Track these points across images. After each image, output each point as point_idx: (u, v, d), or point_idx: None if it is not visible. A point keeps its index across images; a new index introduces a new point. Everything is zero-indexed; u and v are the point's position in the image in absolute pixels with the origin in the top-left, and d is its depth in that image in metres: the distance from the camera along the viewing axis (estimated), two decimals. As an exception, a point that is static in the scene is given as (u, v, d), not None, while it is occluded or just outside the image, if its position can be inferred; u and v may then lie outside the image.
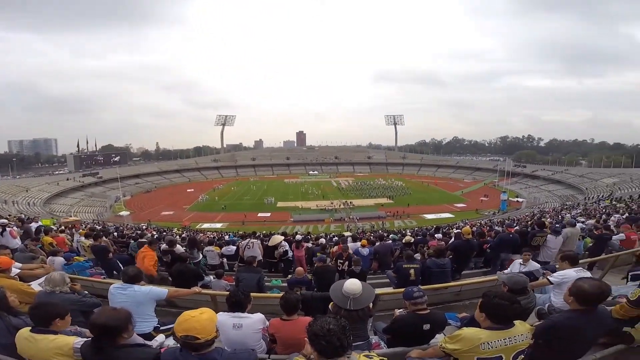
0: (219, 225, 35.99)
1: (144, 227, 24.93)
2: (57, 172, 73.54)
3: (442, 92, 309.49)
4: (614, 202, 24.98)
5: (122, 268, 4.75)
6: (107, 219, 37.82)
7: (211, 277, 5.62)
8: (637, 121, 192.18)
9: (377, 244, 8.28)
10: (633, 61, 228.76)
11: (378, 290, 4.20)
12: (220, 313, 2.67)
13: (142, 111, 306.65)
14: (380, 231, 23.50)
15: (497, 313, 2.07)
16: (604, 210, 19.91)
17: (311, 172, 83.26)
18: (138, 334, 2.55)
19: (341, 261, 6.28)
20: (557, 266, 3.99)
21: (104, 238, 7.12)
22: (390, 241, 9.25)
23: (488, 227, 13.95)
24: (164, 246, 6.81)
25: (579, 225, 8.32)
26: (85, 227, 16.01)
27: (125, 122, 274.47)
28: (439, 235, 9.15)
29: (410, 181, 67.10)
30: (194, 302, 3.90)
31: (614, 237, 7.33)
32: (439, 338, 2.67)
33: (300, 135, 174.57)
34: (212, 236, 15.65)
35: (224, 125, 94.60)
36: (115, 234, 12.88)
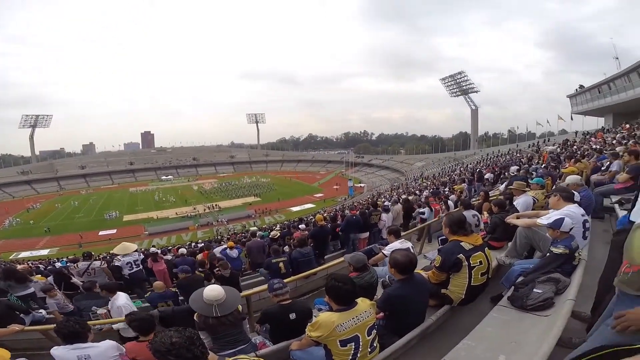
0: (45, 252, 28.74)
1: None
2: None
3: (299, 92, 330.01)
4: (424, 181, 32.70)
5: None
6: None
7: (43, 311, 4.59)
8: (433, 117, 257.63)
9: (250, 241, 8.35)
10: (433, 68, 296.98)
11: (254, 289, 4.32)
12: (56, 347, 2.36)
13: None
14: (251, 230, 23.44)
15: (337, 294, 2.16)
16: (418, 187, 25.28)
17: (164, 177, 74.00)
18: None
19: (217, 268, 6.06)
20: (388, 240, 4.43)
21: None
22: (259, 239, 9.43)
23: (341, 212, 15.98)
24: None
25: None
26: None
27: None
28: (302, 226, 9.54)
29: (274, 177, 69.39)
30: (27, 342, 3.83)
31: (425, 210, 9.36)
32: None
33: (147, 136, 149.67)
34: (35, 265, 12.30)
35: (34, 127, 72.86)
36: None
